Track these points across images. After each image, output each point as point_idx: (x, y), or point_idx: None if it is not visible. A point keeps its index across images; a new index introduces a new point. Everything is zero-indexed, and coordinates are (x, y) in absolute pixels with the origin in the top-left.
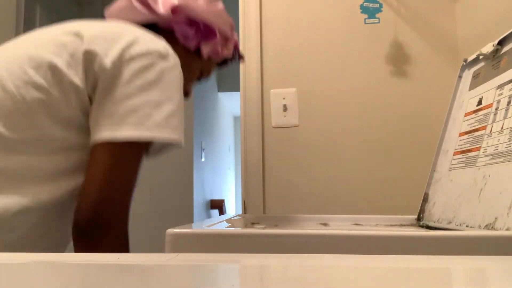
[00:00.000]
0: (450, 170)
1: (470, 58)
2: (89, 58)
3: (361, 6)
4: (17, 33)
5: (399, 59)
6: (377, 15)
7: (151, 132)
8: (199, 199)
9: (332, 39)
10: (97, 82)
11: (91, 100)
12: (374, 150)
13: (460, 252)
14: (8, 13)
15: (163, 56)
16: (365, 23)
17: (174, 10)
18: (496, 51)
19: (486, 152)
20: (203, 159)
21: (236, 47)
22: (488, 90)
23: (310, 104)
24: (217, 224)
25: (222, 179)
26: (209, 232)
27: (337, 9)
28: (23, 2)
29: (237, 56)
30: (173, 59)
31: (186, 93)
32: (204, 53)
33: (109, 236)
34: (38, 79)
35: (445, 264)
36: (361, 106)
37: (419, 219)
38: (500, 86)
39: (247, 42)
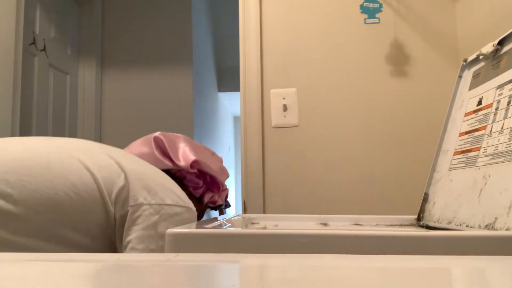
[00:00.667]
0: (450, 170)
1: (470, 58)
2: (126, 187)
3: (361, 6)
4: (17, 32)
5: (399, 59)
6: (377, 15)
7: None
8: None
9: (332, 39)
10: (126, 214)
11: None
12: (374, 150)
13: (460, 252)
14: (8, 13)
15: (189, 210)
16: (365, 23)
17: (192, 164)
18: (496, 51)
19: (486, 152)
20: None
21: (226, 196)
22: (488, 90)
23: (310, 104)
24: (217, 224)
25: None
26: (209, 232)
27: (337, 9)
28: (23, 2)
29: (225, 204)
30: (195, 213)
31: None
32: (204, 201)
33: None
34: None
35: (445, 264)
36: (361, 106)
37: (419, 219)
38: (500, 86)
39: (247, 42)
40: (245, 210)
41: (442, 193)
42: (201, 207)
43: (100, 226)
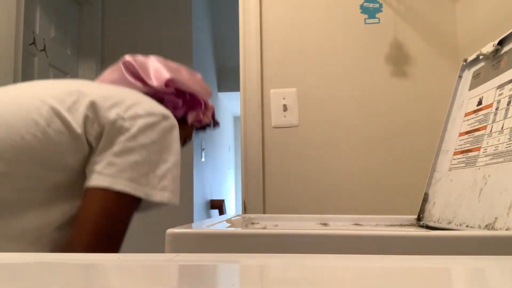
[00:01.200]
0: (450, 170)
1: (470, 58)
2: (93, 109)
3: (361, 6)
4: (17, 32)
5: (399, 59)
6: (377, 15)
7: (143, 191)
8: (199, 199)
9: (332, 39)
10: (102, 133)
11: (91, 146)
12: (374, 150)
13: (460, 252)
14: (8, 13)
15: (165, 117)
16: (365, 23)
17: (167, 83)
18: (496, 51)
19: (486, 152)
20: (203, 159)
21: (213, 114)
22: (488, 90)
23: (310, 104)
24: (217, 224)
25: (222, 179)
26: (209, 232)
27: (337, 9)
28: (23, 2)
29: (213, 122)
30: (174, 121)
31: None
32: (188, 121)
33: None
34: (40, 120)
35: (445, 264)
36: (361, 106)
37: (419, 219)
38: (500, 86)
39: (247, 42)
40: (245, 210)
41: (442, 193)
42: (187, 129)
43: (76, 159)
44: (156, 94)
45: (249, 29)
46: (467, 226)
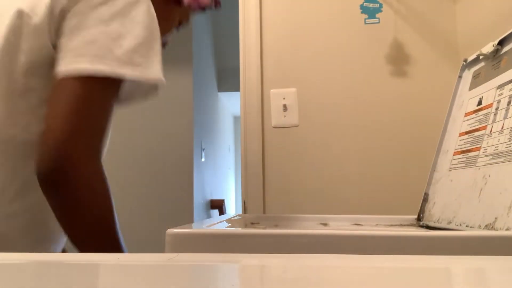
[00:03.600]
0: (450, 170)
1: (470, 58)
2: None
3: (361, 6)
4: None
5: (399, 59)
6: (377, 15)
7: (109, 66)
8: (199, 199)
9: (332, 39)
10: (62, 23)
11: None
12: (374, 150)
13: (460, 252)
14: None
15: None
16: (365, 23)
17: None
18: (496, 51)
19: (486, 152)
20: (203, 159)
21: None
22: (488, 90)
23: (310, 104)
24: (217, 224)
25: (222, 179)
26: (209, 232)
27: (337, 9)
28: None
29: (214, 2)
30: None
31: (164, 44)
32: (185, 1)
33: (83, 175)
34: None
35: (445, 264)
36: (361, 106)
37: (419, 219)
38: (500, 86)
39: (247, 42)
40: (245, 210)
41: (442, 193)
42: (183, 11)
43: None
44: None
45: (249, 29)
46: (467, 226)
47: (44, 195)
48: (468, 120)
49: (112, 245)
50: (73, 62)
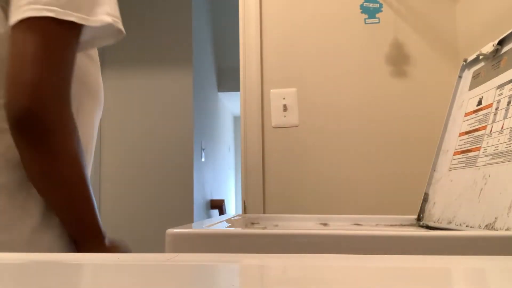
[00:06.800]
0: (450, 170)
1: (470, 58)
2: None
3: (361, 6)
4: None
5: (399, 59)
6: (377, 15)
7: (53, 13)
8: (199, 199)
9: (332, 39)
10: None
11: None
12: (374, 150)
13: (460, 252)
14: None
15: None
16: (365, 23)
17: None
18: (496, 51)
19: (486, 152)
20: (203, 159)
21: None
22: (488, 90)
23: (310, 104)
24: (217, 224)
25: (222, 179)
26: (209, 232)
27: (337, 9)
28: None
29: None
30: None
31: None
32: None
33: (56, 121)
34: None
35: (445, 264)
36: (361, 106)
37: (419, 219)
38: (500, 86)
39: (247, 42)
40: (245, 210)
41: (442, 193)
42: None
43: None
44: None
45: (249, 29)
46: (467, 226)
47: (18, 144)
48: (468, 120)
49: (84, 192)
50: (22, 12)
